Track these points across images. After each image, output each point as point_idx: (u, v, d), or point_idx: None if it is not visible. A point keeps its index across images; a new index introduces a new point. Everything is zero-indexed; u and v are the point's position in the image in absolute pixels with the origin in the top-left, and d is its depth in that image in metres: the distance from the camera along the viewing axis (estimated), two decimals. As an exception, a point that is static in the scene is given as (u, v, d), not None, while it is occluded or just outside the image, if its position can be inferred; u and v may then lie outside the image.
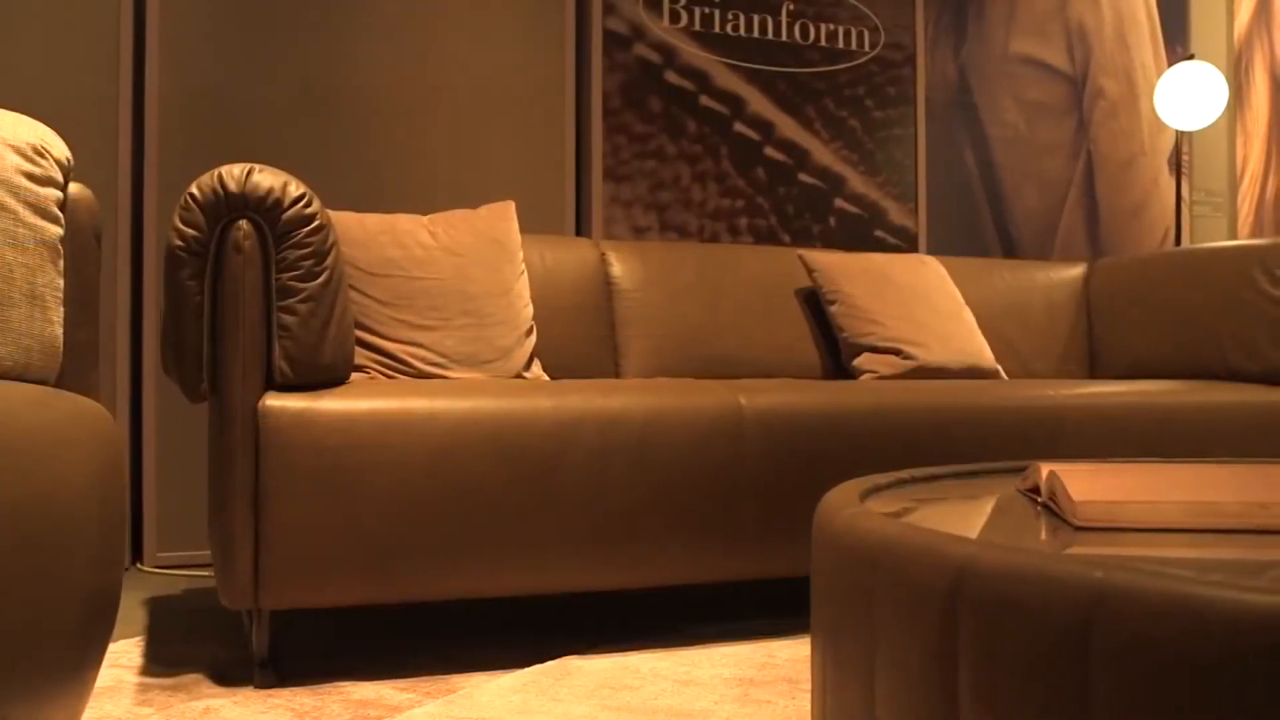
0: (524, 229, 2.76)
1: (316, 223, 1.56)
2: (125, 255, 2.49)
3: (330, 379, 1.60)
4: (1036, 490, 1.01)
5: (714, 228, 2.97)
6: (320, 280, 1.56)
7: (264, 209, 1.53)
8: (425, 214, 2.44)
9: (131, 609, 2.07)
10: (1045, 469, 0.96)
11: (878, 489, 1.08)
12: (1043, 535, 0.82)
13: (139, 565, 2.52)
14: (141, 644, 1.78)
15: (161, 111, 2.51)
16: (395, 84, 2.69)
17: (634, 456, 1.66)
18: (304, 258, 1.55)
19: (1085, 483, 0.88)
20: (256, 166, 1.54)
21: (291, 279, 1.54)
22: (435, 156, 2.72)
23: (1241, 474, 0.93)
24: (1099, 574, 0.61)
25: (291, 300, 1.54)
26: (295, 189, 1.55)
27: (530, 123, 2.80)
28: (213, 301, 1.53)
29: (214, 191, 1.51)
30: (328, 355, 1.58)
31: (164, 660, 1.67)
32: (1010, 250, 3.50)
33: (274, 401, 1.52)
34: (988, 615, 0.65)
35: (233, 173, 1.52)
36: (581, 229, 2.87)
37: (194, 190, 1.51)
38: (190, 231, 1.51)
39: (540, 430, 1.61)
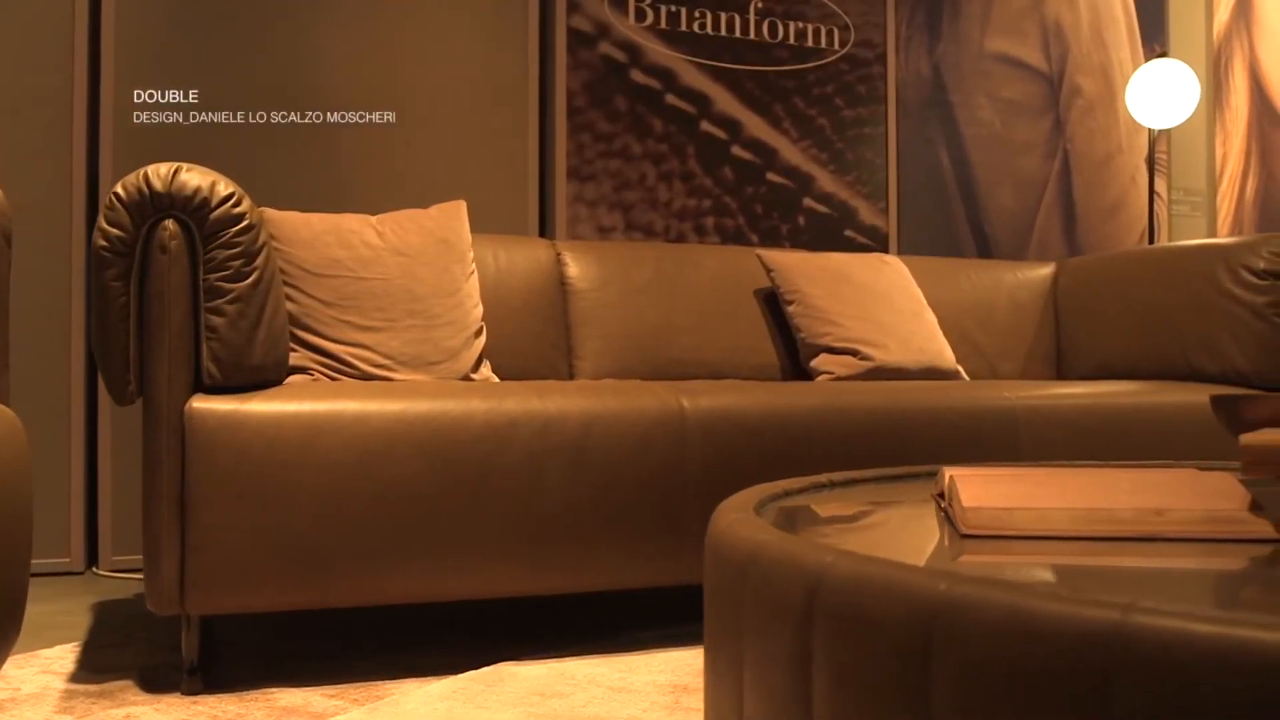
0: (487, 229, 2.74)
1: (246, 222, 1.54)
2: (79, 258, 2.47)
3: (261, 381, 1.58)
4: (944, 496, 0.99)
5: (680, 228, 2.95)
6: (249, 281, 1.54)
7: (191, 208, 1.50)
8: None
9: (79, 613, 2.05)
10: (949, 474, 0.94)
11: (788, 494, 1.06)
12: (926, 544, 0.79)
13: (94, 569, 2.50)
14: (78, 649, 1.75)
15: (117, 110, 2.49)
16: (356, 82, 2.66)
17: (571, 459, 1.64)
18: (232, 258, 1.52)
19: (979, 488, 0.86)
20: (184, 166, 1.52)
21: (219, 279, 1.52)
22: (396, 156, 2.70)
23: (1145, 479, 0.90)
24: (943, 585, 0.58)
25: (219, 301, 1.52)
26: (224, 188, 1.53)
27: (493, 122, 2.77)
28: (139, 303, 1.51)
29: (139, 191, 1.49)
30: (257, 357, 1.56)
31: (97, 666, 1.65)
32: (985, 250, 3.47)
33: (200, 404, 1.49)
34: (839, 626, 0.63)
35: (159, 172, 1.50)
36: (545, 229, 2.85)
37: (119, 190, 1.49)
38: (115, 232, 1.48)
39: (474, 432, 1.59)
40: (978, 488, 0.86)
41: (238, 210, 1.53)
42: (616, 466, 1.66)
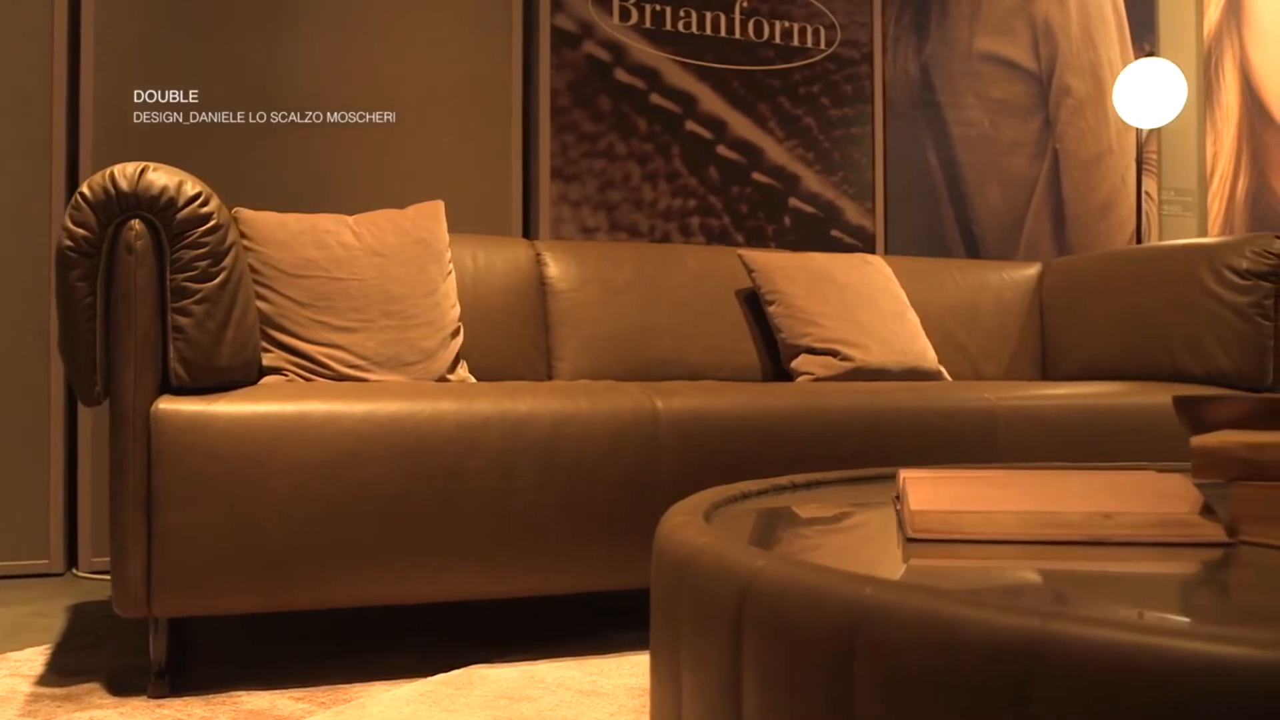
0: (471, 229, 2.73)
1: (213, 222, 1.53)
2: (59, 256, 2.46)
3: (229, 382, 1.57)
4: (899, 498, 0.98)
5: (665, 228, 2.94)
6: (217, 281, 1.53)
7: (157, 208, 1.49)
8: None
9: (54, 615, 2.04)
10: (902, 476, 0.93)
11: (745, 496, 1.05)
12: (869, 548, 0.78)
13: (74, 571, 2.49)
14: (49, 651, 1.74)
15: (97, 110, 2.48)
16: (338, 82, 2.65)
17: (541, 460, 1.62)
18: (199, 258, 1.51)
19: (928, 491, 0.85)
20: (151, 165, 1.51)
21: (186, 280, 1.51)
22: (379, 156, 2.69)
23: (1098, 482, 0.89)
24: (868, 591, 0.57)
25: (186, 301, 1.51)
26: (191, 188, 1.52)
27: (477, 122, 2.76)
28: (105, 303, 1.50)
29: (105, 191, 1.48)
30: (225, 358, 1.55)
31: (65, 669, 1.64)
32: (975, 250, 3.46)
33: (167, 405, 1.48)
34: (768, 632, 0.62)
35: (125, 171, 1.49)
36: (529, 230, 2.84)
37: (84, 190, 1.48)
38: (80, 232, 1.47)
39: (444, 434, 1.58)
40: (927, 490, 0.85)
41: (205, 210, 1.52)
42: (588, 468, 1.65)
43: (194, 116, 2.55)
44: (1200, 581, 0.68)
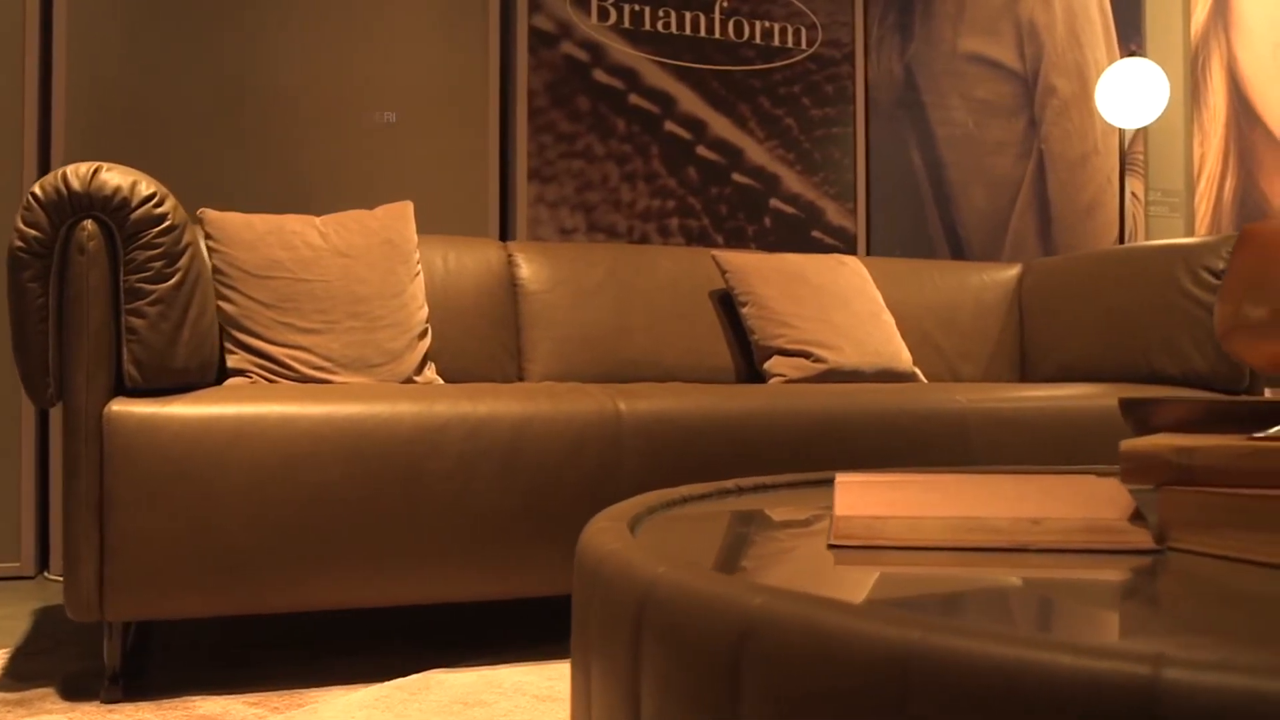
0: (447, 230, 2.71)
1: (168, 223, 1.51)
2: (31, 257, 2.44)
3: (185, 383, 1.56)
4: (838, 502, 0.96)
5: (644, 229, 2.92)
6: (171, 282, 1.52)
7: (110, 209, 1.48)
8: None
9: (19, 619, 2.03)
10: (837, 480, 0.91)
11: (686, 500, 1.04)
12: (786, 556, 0.77)
13: (45, 574, 2.47)
14: (6, 656, 1.73)
15: (69, 110, 2.47)
16: (314, 81, 2.64)
17: (503, 463, 1.61)
18: (153, 259, 1.50)
19: (856, 496, 0.83)
20: (105, 165, 1.50)
21: (140, 280, 1.50)
22: (355, 157, 2.68)
23: (1031, 486, 0.88)
24: (758, 600, 0.56)
25: (140, 303, 1.50)
26: (145, 188, 1.50)
27: (453, 122, 2.75)
28: (58, 304, 1.48)
29: (57, 191, 1.47)
30: (181, 359, 1.53)
31: (22, 674, 1.62)
32: (959, 251, 3.44)
33: (119, 406, 1.47)
34: (663, 640, 0.61)
35: (78, 171, 1.48)
36: (506, 231, 2.83)
37: (36, 190, 1.47)
38: (31, 232, 1.46)
39: (403, 436, 1.57)
40: (855, 495, 0.83)
41: (159, 210, 1.51)
42: (550, 470, 1.64)
43: (168, 116, 2.53)
44: (1115, 591, 0.67)
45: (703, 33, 2.99)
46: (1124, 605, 0.63)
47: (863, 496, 0.83)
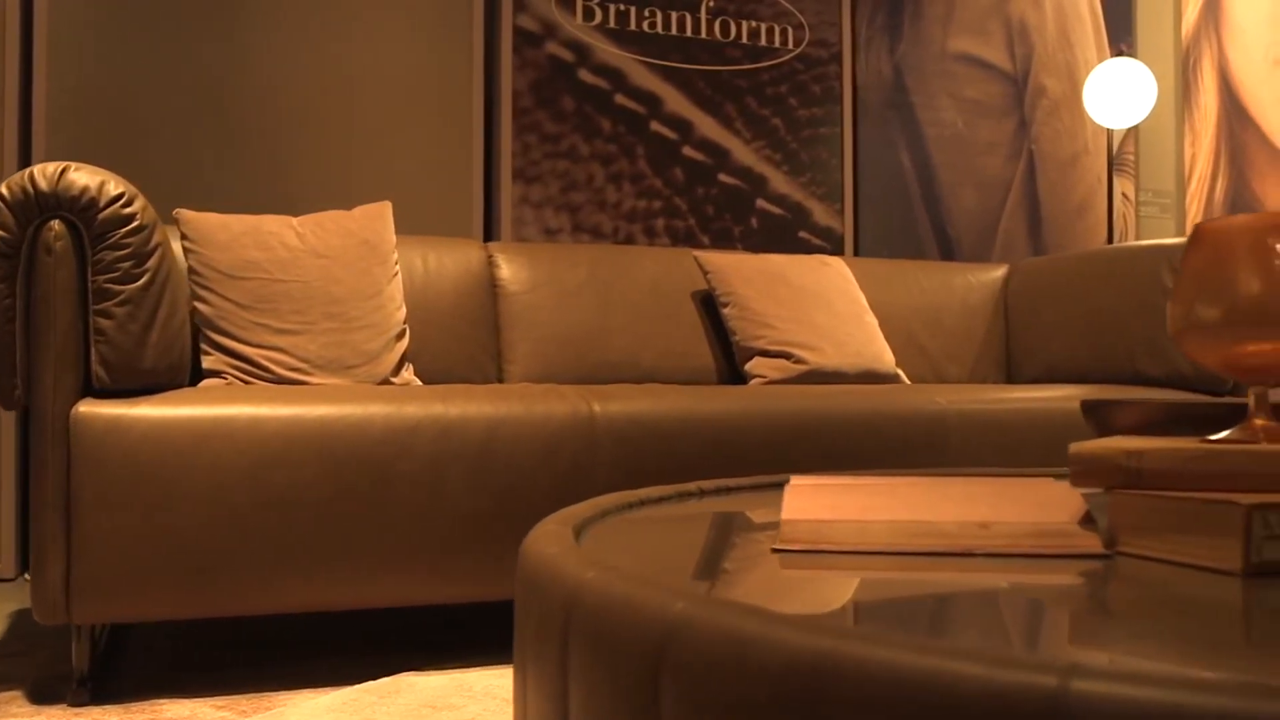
0: (430, 231, 2.71)
1: (137, 223, 1.50)
2: (11, 257, 2.43)
3: (154, 384, 1.55)
4: (795, 505, 0.95)
5: (629, 229, 2.91)
6: (140, 283, 1.51)
7: (78, 209, 1.47)
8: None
9: (-5, 620, 2.02)
10: (791, 482, 0.90)
11: (643, 503, 1.03)
12: (728, 561, 0.76)
13: (25, 576, 2.47)
14: (-22, 658, 1.72)
15: (50, 112, 2.46)
16: (296, 82, 2.63)
17: (475, 465, 1.60)
18: (122, 259, 1.49)
19: (804, 499, 0.82)
20: (73, 165, 1.49)
21: (108, 281, 1.49)
22: (338, 158, 2.67)
23: (982, 489, 0.87)
24: (679, 606, 0.55)
25: (108, 303, 1.49)
26: (114, 188, 1.49)
27: (437, 122, 2.74)
28: (25, 305, 1.48)
29: (24, 191, 1.46)
30: (149, 360, 1.52)
31: (-9, 676, 1.61)
32: (949, 252, 3.43)
33: (86, 408, 1.46)
34: (589, 647, 0.60)
35: (46, 171, 1.47)
36: (490, 231, 2.82)
37: (2, 189, 1.46)
38: (-2, 232, 1.45)
39: (373, 437, 1.56)
40: (803, 499, 0.82)
41: (128, 211, 1.50)
42: (523, 472, 1.63)
43: (150, 116, 2.52)
44: (1056, 597, 0.66)
45: (689, 32, 2.98)
46: (1060, 612, 0.62)
47: (811, 500, 0.82)
